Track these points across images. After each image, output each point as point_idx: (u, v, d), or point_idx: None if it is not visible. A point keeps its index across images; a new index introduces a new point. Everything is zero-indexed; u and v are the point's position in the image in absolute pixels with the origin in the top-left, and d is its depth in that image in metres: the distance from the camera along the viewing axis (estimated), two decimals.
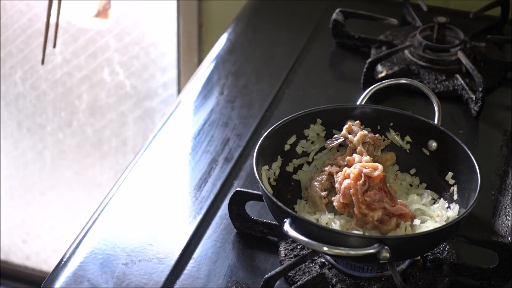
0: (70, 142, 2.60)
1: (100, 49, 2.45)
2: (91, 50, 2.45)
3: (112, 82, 2.48)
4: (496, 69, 1.66)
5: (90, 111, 2.54)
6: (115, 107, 2.52)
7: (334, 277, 1.19)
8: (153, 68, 2.43)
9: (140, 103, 2.50)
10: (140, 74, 2.45)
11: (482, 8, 1.76)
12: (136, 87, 2.48)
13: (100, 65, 2.47)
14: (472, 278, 1.22)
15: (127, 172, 1.41)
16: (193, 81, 1.65)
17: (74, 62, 2.49)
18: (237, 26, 1.82)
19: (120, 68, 2.47)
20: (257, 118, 1.54)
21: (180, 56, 2.27)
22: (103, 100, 2.52)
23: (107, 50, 2.44)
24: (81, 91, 2.52)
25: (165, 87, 2.44)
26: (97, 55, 2.45)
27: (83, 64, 2.48)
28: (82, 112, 2.55)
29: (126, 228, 1.29)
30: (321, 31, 1.79)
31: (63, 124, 2.59)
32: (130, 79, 2.47)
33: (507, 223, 1.31)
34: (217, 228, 1.30)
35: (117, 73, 2.47)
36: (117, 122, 2.54)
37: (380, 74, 1.63)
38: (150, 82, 2.46)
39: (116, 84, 2.49)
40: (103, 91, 2.50)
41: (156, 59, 2.42)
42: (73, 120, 2.57)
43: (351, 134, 1.28)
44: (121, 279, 1.20)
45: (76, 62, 2.49)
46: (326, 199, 1.24)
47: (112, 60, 2.47)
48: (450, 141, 1.27)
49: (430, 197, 1.27)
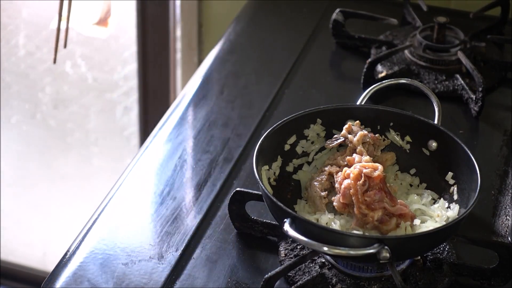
0: (34, 134, 2.63)
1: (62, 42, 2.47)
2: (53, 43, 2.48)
3: (74, 74, 2.52)
4: (496, 69, 1.66)
5: (53, 103, 2.57)
6: (77, 99, 2.56)
7: (334, 277, 1.19)
8: (114, 60, 2.46)
9: (102, 95, 2.53)
10: (101, 66, 2.48)
11: (482, 8, 1.76)
12: (97, 79, 2.51)
13: (63, 58, 2.50)
14: (472, 278, 1.22)
15: (127, 172, 1.41)
16: (193, 81, 1.65)
17: (38, 55, 2.52)
18: (237, 26, 1.82)
19: (82, 60, 2.50)
20: (257, 118, 1.54)
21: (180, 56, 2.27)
22: (66, 93, 2.56)
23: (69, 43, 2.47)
24: (44, 83, 2.55)
25: (126, 79, 2.48)
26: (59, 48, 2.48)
27: (46, 57, 2.51)
28: (46, 104, 2.58)
29: (126, 228, 1.29)
30: (321, 31, 1.79)
31: (27, 116, 2.61)
32: (91, 72, 2.50)
33: (507, 223, 1.31)
34: (217, 228, 1.30)
35: (79, 65, 2.51)
36: (79, 114, 2.58)
37: (380, 74, 1.63)
38: (111, 75, 2.49)
39: (78, 77, 2.53)
40: (65, 84, 2.54)
41: (116, 52, 2.45)
42: (37, 112, 2.60)
43: (351, 134, 1.28)
44: (121, 279, 1.20)
45: (39, 55, 2.52)
46: (326, 199, 1.24)
47: (74, 53, 2.49)
48: (450, 141, 1.27)
49: (430, 197, 1.27)
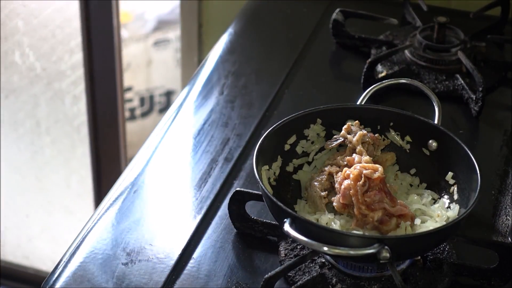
0: None
1: (10, 32, 2.50)
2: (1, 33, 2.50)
3: (23, 64, 2.54)
4: (496, 69, 1.66)
5: (4, 93, 2.60)
6: (27, 89, 2.58)
7: (334, 277, 1.19)
8: (61, 50, 2.49)
9: (51, 85, 2.56)
10: (49, 56, 2.50)
11: (482, 8, 1.76)
12: (46, 69, 2.54)
13: (11, 48, 2.54)
14: (472, 278, 1.22)
15: (127, 171, 1.41)
16: (193, 81, 1.65)
17: None
18: (237, 26, 1.82)
19: (30, 50, 2.52)
20: (257, 118, 1.54)
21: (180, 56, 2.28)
22: (16, 83, 2.58)
23: (16, 33, 2.49)
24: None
25: (73, 68, 2.51)
26: (7, 38, 2.51)
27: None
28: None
29: (126, 228, 1.29)
30: (321, 31, 1.79)
31: None
32: (40, 61, 2.52)
33: (507, 223, 1.31)
34: (217, 228, 1.30)
35: (27, 55, 2.53)
36: (30, 104, 2.61)
37: (380, 74, 1.63)
38: (58, 64, 2.52)
39: (27, 67, 2.55)
40: (15, 74, 2.56)
41: (63, 41, 2.47)
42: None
43: (350, 134, 1.28)
44: (121, 279, 1.20)
45: None
46: (326, 199, 1.24)
47: (22, 43, 2.53)
48: (450, 141, 1.27)
49: (430, 197, 1.27)
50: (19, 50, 2.53)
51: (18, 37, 2.50)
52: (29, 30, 2.48)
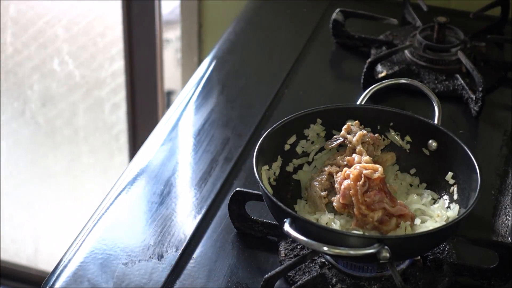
0: (23, 132, 2.63)
1: (50, 40, 2.48)
2: (41, 40, 2.48)
3: (62, 72, 2.52)
4: (496, 69, 1.66)
5: (41, 101, 2.57)
6: (66, 96, 2.56)
7: (334, 277, 1.19)
8: (101, 57, 2.46)
9: (90, 93, 2.53)
10: (88, 64, 2.48)
11: (482, 8, 1.76)
12: (85, 76, 2.51)
13: (50, 55, 2.51)
14: (472, 278, 1.22)
15: (127, 171, 1.41)
16: (193, 81, 1.65)
17: (25, 52, 2.52)
18: (237, 26, 1.82)
19: (69, 58, 2.50)
20: (257, 118, 1.54)
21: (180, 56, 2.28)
22: (54, 90, 2.56)
23: (56, 40, 2.47)
24: (32, 81, 2.56)
25: (113, 76, 2.48)
26: (46, 45, 2.48)
27: (34, 54, 2.51)
28: (34, 102, 2.58)
29: (126, 228, 1.29)
30: (321, 31, 1.79)
31: (15, 114, 2.61)
32: (79, 69, 2.50)
33: (507, 223, 1.31)
34: (217, 228, 1.30)
35: (66, 63, 2.51)
36: (68, 112, 2.58)
37: (380, 74, 1.63)
38: (98, 72, 2.49)
39: (66, 74, 2.53)
40: (53, 81, 2.54)
41: (103, 49, 2.45)
42: (26, 110, 2.60)
43: (350, 134, 1.28)
44: (121, 279, 1.20)
45: (27, 52, 2.52)
46: (326, 199, 1.24)
47: (61, 50, 2.50)
48: (450, 141, 1.27)
49: (430, 197, 1.27)
50: (58, 57, 2.51)
51: (57, 45, 2.47)
52: (69, 37, 2.46)
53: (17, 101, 2.59)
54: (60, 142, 2.62)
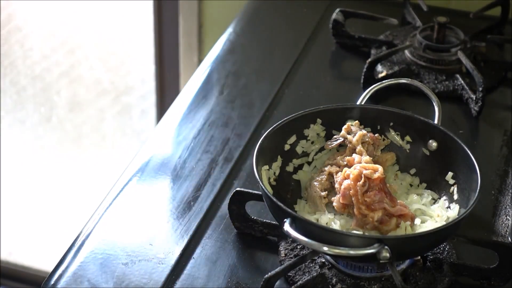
0: (50, 137, 2.62)
1: (78, 45, 2.47)
2: (69, 45, 2.47)
3: (90, 77, 2.50)
4: (496, 69, 1.66)
5: (69, 107, 2.56)
6: (93, 102, 2.54)
7: (334, 277, 1.19)
8: (130, 63, 2.45)
9: (118, 99, 2.52)
10: (117, 69, 2.47)
11: (482, 8, 1.76)
12: (114, 82, 2.50)
13: (78, 61, 2.49)
14: (472, 278, 1.22)
15: (127, 171, 1.41)
16: (193, 81, 1.65)
17: (53, 58, 2.51)
18: (237, 26, 1.82)
19: (98, 63, 2.48)
20: (257, 118, 1.54)
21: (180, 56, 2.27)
22: (82, 96, 2.54)
23: (84, 45, 2.46)
24: (60, 86, 2.54)
25: (143, 82, 2.46)
26: (75, 50, 2.47)
27: (62, 60, 2.50)
28: (62, 107, 2.57)
29: (126, 228, 1.29)
30: (321, 31, 1.79)
31: (43, 119, 2.60)
32: (108, 75, 2.49)
33: (507, 223, 1.31)
34: (217, 228, 1.30)
35: (95, 68, 2.49)
36: (96, 118, 2.57)
37: (380, 74, 1.63)
38: (127, 78, 2.47)
39: (95, 80, 2.51)
40: (81, 87, 2.52)
41: (133, 55, 2.43)
42: (53, 115, 2.59)
43: (350, 134, 1.28)
44: (121, 279, 1.20)
45: (55, 58, 2.51)
46: (326, 199, 1.24)
47: (90, 56, 2.48)
48: (450, 141, 1.27)
49: (430, 197, 1.27)
50: (87, 63, 2.49)
51: (86, 50, 2.46)
52: (98, 43, 2.44)
53: (44, 107, 2.57)
54: (86, 148, 2.60)
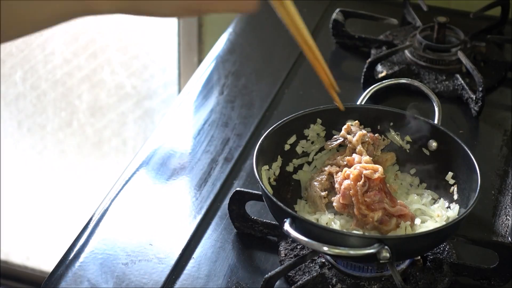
0: (71, 142, 2.60)
1: (100, 49, 2.45)
2: (91, 50, 2.45)
3: (112, 82, 2.48)
4: (496, 69, 1.66)
5: (90, 111, 2.54)
6: (115, 107, 2.51)
7: (334, 277, 1.19)
8: (153, 67, 2.43)
9: (140, 103, 2.49)
10: (140, 74, 2.45)
11: (482, 8, 1.76)
12: (136, 87, 2.47)
13: (100, 65, 2.47)
14: (472, 278, 1.22)
15: (127, 172, 1.41)
16: (193, 81, 1.65)
17: (75, 62, 2.49)
18: (237, 26, 1.82)
19: (120, 68, 2.47)
20: (257, 118, 1.54)
21: (180, 56, 2.27)
22: (103, 100, 2.51)
23: (107, 50, 2.44)
24: (81, 91, 2.52)
25: (165, 87, 2.44)
26: (97, 55, 2.45)
27: (83, 64, 2.48)
28: (83, 112, 2.55)
29: (126, 228, 1.29)
30: (321, 31, 1.79)
31: (63, 124, 2.58)
32: (130, 79, 2.47)
33: (507, 223, 1.31)
34: (217, 228, 1.30)
35: (117, 73, 2.47)
36: (117, 122, 2.54)
37: (380, 74, 1.63)
38: (150, 82, 2.45)
39: (116, 84, 2.49)
40: (103, 91, 2.50)
41: (156, 59, 2.41)
42: (73, 120, 2.57)
43: (350, 134, 1.28)
44: (121, 279, 1.20)
45: (76, 62, 2.49)
46: (326, 199, 1.24)
47: (112, 60, 2.46)
48: (450, 141, 1.27)
49: (430, 197, 1.27)
50: (109, 67, 2.47)
51: (108, 54, 2.44)
52: (121, 47, 2.42)
53: (64, 111, 2.56)
54: (107, 152, 2.59)
